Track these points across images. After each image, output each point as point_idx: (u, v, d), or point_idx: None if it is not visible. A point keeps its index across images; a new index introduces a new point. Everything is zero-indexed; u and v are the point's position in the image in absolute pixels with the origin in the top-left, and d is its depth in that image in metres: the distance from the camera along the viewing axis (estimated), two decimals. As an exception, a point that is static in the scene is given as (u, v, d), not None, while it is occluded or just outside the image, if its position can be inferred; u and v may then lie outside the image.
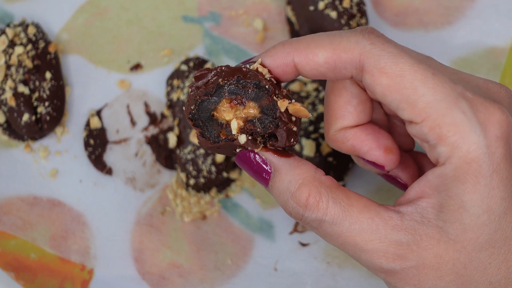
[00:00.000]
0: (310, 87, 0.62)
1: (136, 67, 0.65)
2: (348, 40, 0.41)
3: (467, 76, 0.42)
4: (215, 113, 0.42)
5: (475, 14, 0.66)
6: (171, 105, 0.62)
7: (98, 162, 0.63)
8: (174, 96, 0.62)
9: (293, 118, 0.42)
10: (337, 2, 0.61)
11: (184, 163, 0.60)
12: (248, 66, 0.42)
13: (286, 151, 0.43)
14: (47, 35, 0.64)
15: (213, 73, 0.42)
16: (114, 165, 0.63)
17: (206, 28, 0.66)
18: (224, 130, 0.42)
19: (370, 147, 0.44)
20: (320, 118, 0.60)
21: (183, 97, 0.61)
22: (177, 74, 0.63)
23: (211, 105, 0.42)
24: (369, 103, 0.44)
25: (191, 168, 0.60)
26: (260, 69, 0.42)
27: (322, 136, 0.59)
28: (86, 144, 0.63)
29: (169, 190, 0.62)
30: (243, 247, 0.60)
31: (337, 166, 0.59)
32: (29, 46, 0.62)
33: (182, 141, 0.61)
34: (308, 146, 0.59)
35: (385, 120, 0.47)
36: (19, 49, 0.62)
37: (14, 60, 0.61)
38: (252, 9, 0.67)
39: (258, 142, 0.42)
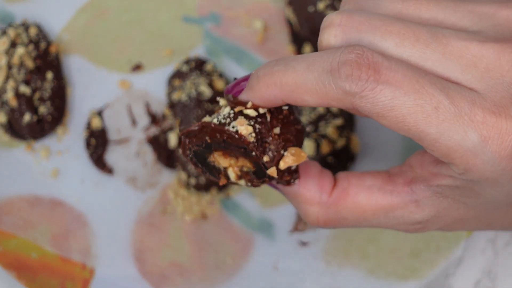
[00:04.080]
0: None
1: (137, 67, 0.66)
2: (335, 92, 0.38)
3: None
4: (211, 159, 0.43)
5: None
6: (172, 105, 0.62)
7: (99, 162, 0.63)
8: (175, 96, 0.62)
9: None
10: (336, 3, 0.61)
11: (185, 163, 0.60)
12: (231, 128, 0.41)
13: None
14: (48, 36, 0.65)
15: (197, 128, 0.42)
16: (115, 165, 0.63)
17: (207, 28, 0.66)
18: (223, 176, 0.43)
19: None
20: (320, 118, 0.60)
21: (184, 97, 0.61)
22: (178, 74, 0.63)
23: (205, 154, 0.43)
24: None
25: (192, 168, 0.60)
26: (244, 131, 0.40)
27: (322, 136, 0.59)
28: (87, 144, 0.63)
29: (170, 190, 0.62)
30: (243, 246, 0.60)
31: (337, 166, 0.59)
32: (31, 47, 0.62)
33: (182, 141, 0.61)
34: (308, 146, 0.59)
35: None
36: (20, 50, 0.62)
37: (15, 60, 0.61)
38: (252, 9, 0.67)
39: (260, 181, 0.43)
